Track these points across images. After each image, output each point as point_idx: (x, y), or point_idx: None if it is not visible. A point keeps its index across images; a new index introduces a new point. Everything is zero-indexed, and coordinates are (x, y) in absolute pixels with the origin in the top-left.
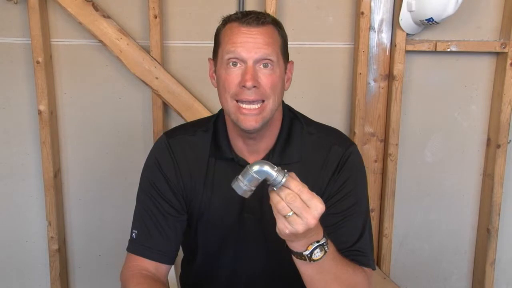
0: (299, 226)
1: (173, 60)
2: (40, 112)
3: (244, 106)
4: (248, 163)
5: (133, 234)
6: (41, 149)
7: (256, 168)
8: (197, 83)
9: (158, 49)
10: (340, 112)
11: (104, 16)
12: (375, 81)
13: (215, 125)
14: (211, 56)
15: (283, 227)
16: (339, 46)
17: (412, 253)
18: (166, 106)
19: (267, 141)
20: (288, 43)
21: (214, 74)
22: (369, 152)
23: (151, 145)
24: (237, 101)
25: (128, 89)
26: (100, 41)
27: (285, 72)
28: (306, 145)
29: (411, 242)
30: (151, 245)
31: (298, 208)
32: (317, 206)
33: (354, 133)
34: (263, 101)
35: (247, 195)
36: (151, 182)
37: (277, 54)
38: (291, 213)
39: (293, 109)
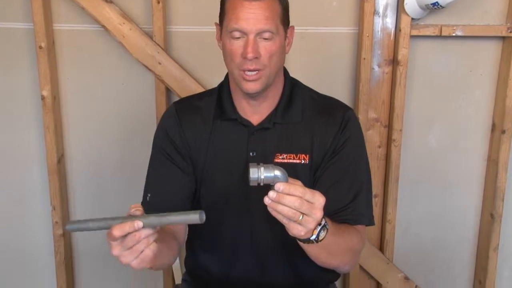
0: (311, 224)
1: (176, 45)
2: (43, 98)
3: (246, 73)
4: (251, 123)
5: (147, 197)
6: (44, 134)
7: (278, 172)
8: (200, 68)
9: (161, 34)
10: (344, 97)
11: (106, 1)
12: (379, 66)
13: (220, 89)
14: (214, 41)
15: (298, 231)
16: (343, 31)
17: (415, 239)
18: (169, 92)
19: (270, 102)
20: None
21: (220, 38)
22: (372, 138)
23: (154, 130)
24: (240, 69)
25: (131, 74)
26: (103, 26)
27: (286, 37)
28: (308, 107)
29: (414, 227)
30: (164, 206)
31: (306, 209)
32: (320, 200)
33: (358, 118)
34: (262, 69)
35: (253, 183)
36: (160, 147)
37: (276, 25)
38: (301, 216)
39: (294, 78)
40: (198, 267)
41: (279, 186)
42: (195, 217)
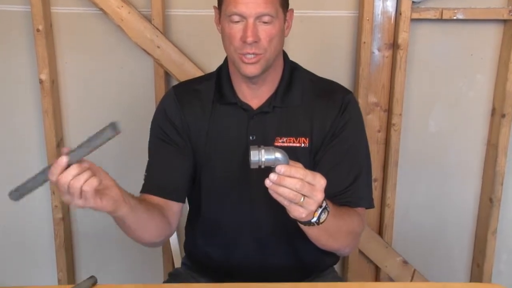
0: (312, 206)
1: (175, 29)
2: (41, 82)
3: (245, 56)
4: (251, 107)
5: (148, 178)
6: (43, 118)
7: (279, 154)
8: (199, 52)
9: (160, 17)
10: (344, 81)
11: None
12: (379, 50)
13: (219, 74)
14: (214, 25)
15: (299, 213)
16: (343, 14)
17: (414, 223)
18: (168, 76)
19: (269, 86)
20: None
21: (219, 21)
22: (372, 122)
23: (152, 112)
24: (239, 53)
25: (130, 58)
26: (101, 9)
27: (285, 21)
28: (307, 90)
29: (413, 212)
30: (159, 183)
31: (307, 191)
32: (321, 181)
33: (358, 102)
34: (261, 53)
35: (254, 165)
36: (159, 128)
37: (276, 9)
38: (302, 198)
39: (294, 61)
40: (197, 251)
41: (280, 168)
42: (110, 132)
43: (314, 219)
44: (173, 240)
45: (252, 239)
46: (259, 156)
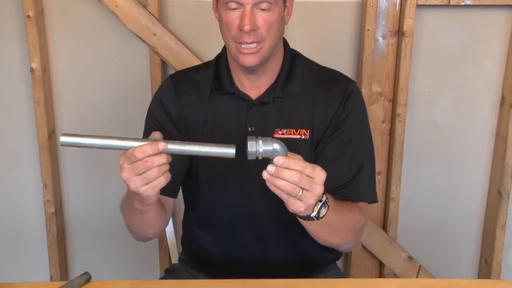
0: (311, 200)
1: (172, 16)
2: (32, 70)
3: (243, 46)
4: (250, 97)
5: None
6: (34, 108)
7: (277, 145)
8: (197, 40)
9: (155, 3)
10: (347, 70)
11: None
12: (383, 37)
13: (217, 62)
14: (211, 11)
15: (298, 207)
16: (346, 0)
17: (419, 217)
18: (164, 64)
19: (269, 76)
20: None
21: (216, 8)
22: (376, 113)
23: (148, 102)
24: (236, 42)
25: (125, 46)
26: None
27: (285, 7)
28: (308, 80)
29: (418, 205)
30: None
31: (306, 184)
32: (320, 174)
33: (362, 92)
34: (260, 41)
35: (251, 157)
36: (154, 119)
37: None
38: (301, 191)
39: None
40: (195, 246)
41: (278, 159)
42: (230, 151)
43: (314, 214)
44: (170, 235)
45: (251, 232)
46: (257, 147)
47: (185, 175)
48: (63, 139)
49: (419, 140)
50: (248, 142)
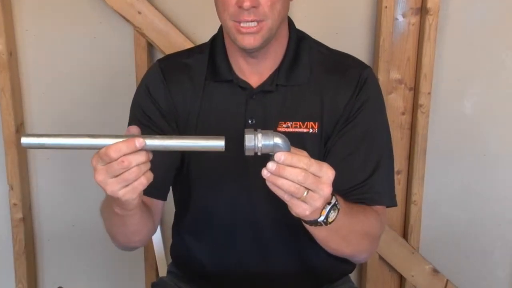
0: (317, 202)
1: None
2: None
3: (242, 24)
4: (250, 85)
5: None
6: None
7: (279, 140)
8: (188, 19)
9: None
10: (361, 55)
11: None
12: (404, 16)
13: (212, 45)
14: None
15: (302, 210)
16: None
17: (446, 223)
18: (151, 48)
19: (272, 61)
20: None
21: None
22: (395, 103)
23: (133, 93)
24: (235, 20)
25: (105, 26)
26: None
27: None
28: (317, 65)
29: (445, 210)
30: None
31: (312, 184)
32: (328, 173)
33: (378, 79)
34: (262, 20)
35: (249, 152)
36: (140, 110)
37: None
38: (306, 192)
39: (301, 30)
40: (186, 257)
41: (279, 156)
42: (219, 143)
43: (321, 218)
44: (157, 243)
45: (251, 239)
46: (255, 141)
47: (176, 173)
48: (24, 140)
49: (445, 135)
50: (246, 136)
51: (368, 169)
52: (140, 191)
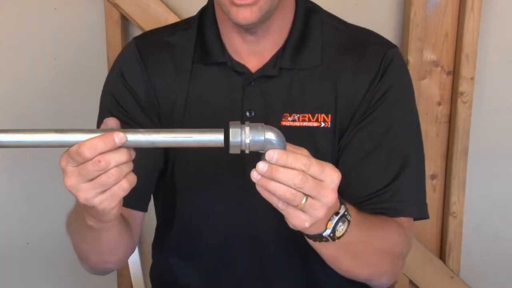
0: (319, 211)
1: None
2: None
3: None
4: (248, 69)
5: None
6: None
7: (272, 134)
8: None
9: None
10: (387, 32)
11: None
12: None
13: (201, 20)
14: None
15: (301, 221)
16: None
17: (493, 241)
18: (126, 22)
19: (274, 38)
20: None
21: None
22: (429, 90)
23: (103, 77)
24: None
25: None
26: None
27: None
28: (330, 44)
29: (492, 224)
30: None
31: (312, 189)
32: (332, 175)
33: (408, 61)
34: None
35: (234, 150)
36: (113, 100)
37: None
38: (305, 199)
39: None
40: (170, 281)
41: (272, 154)
42: (218, 137)
43: (327, 232)
44: (134, 266)
45: (250, 259)
46: (242, 136)
47: (158, 177)
48: None
49: (492, 130)
50: (230, 130)
51: (390, 172)
52: (120, 198)
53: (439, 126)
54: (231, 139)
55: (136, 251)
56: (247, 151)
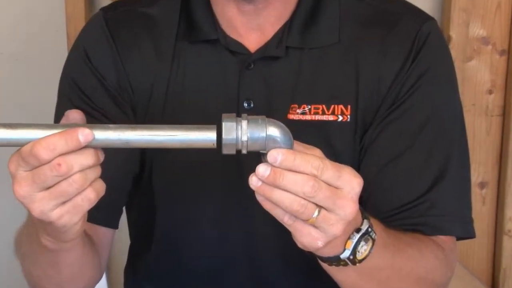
0: (335, 227)
1: None
2: None
3: None
4: (246, 49)
5: None
6: None
7: (275, 130)
8: None
9: None
10: (425, 1)
11: None
12: None
13: None
14: None
15: (313, 240)
16: None
17: None
18: None
19: (279, 11)
20: None
21: None
22: (478, 75)
23: (64, 57)
24: None
25: None
26: None
27: None
28: (350, 17)
29: None
30: None
31: (326, 199)
32: (352, 182)
33: (449, 38)
34: None
35: (228, 150)
36: (74, 86)
37: None
38: (317, 212)
39: None
40: None
41: (275, 155)
42: (210, 136)
43: (346, 254)
44: None
45: (247, 282)
46: (238, 132)
47: (132, 185)
48: None
49: None
50: (223, 124)
51: (426, 178)
52: (84, 212)
53: (490, 121)
54: (224, 135)
55: (104, 278)
56: (244, 151)
